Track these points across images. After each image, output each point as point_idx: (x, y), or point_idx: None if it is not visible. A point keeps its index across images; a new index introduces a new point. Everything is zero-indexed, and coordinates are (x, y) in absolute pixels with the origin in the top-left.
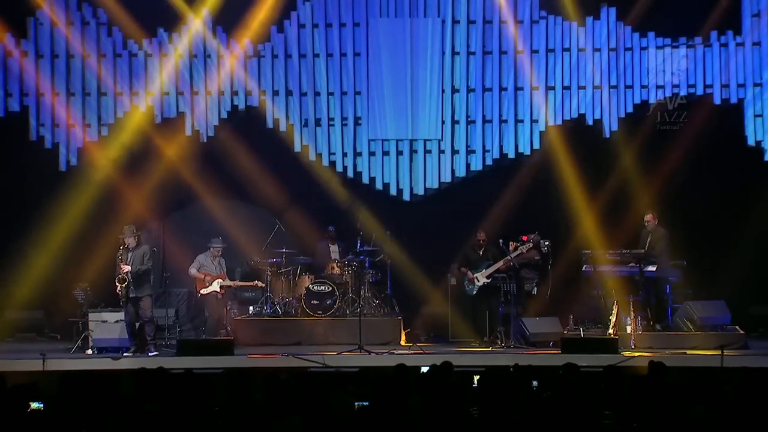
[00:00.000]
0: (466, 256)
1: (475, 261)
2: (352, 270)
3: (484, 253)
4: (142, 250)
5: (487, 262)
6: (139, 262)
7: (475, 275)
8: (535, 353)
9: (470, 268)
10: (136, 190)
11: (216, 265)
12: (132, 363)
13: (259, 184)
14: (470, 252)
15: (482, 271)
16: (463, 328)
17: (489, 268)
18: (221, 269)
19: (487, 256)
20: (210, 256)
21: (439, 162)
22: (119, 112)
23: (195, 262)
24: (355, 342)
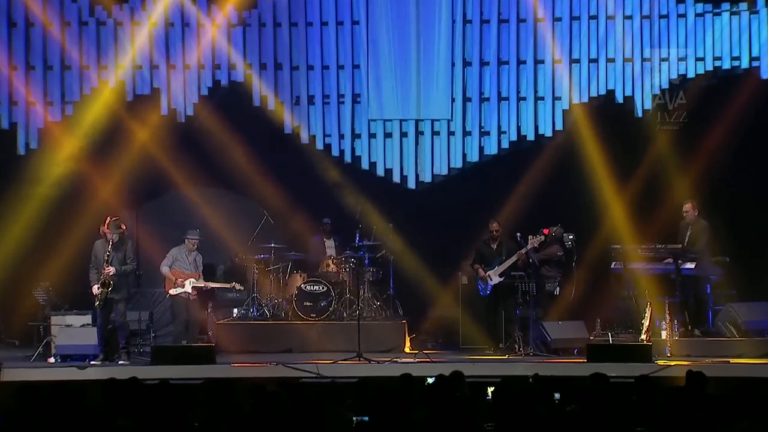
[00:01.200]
0: (479, 251)
1: (488, 257)
2: (349, 267)
3: (498, 248)
4: (125, 247)
5: (500, 258)
6: (121, 262)
7: (487, 273)
8: (557, 362)
9: (483, 264)
10: (104, 177)
11: (190, 262)
12: (100, 373)
13: (244, 170)
14: (483, 246)
15: (495, 269)
16: (476, 334)
17: (502, 264)
18: (196, 267)
19: (501, 251)
20: (185, 251)
21: (448, 145)
22: (86, 88)
23: (168, 257)
24: (353, 349)
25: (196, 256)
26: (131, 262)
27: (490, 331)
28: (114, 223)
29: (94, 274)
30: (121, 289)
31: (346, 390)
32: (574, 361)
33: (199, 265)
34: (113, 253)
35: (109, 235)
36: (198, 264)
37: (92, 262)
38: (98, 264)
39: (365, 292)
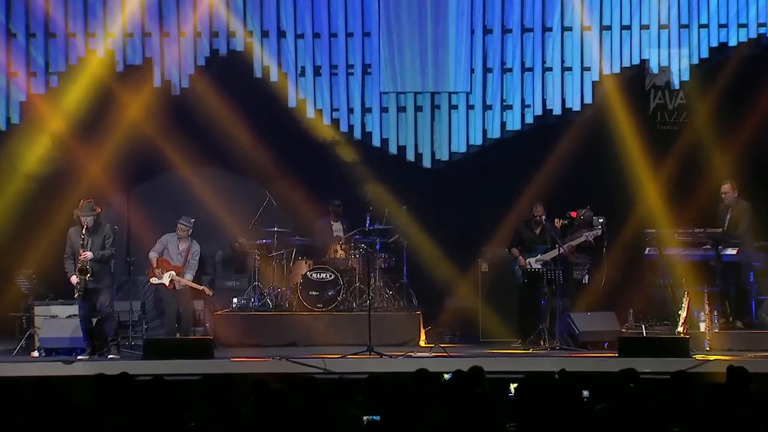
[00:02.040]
0: (519, 234)
1: (530, 241)
2: (359, 253)
3: (541, 233)
4: (104, 231)
5: (543, 246)
6: (99, 247)
7: (527, 260)
8: (586, 356)
9: (523, 250)
10: (92, 155)
11: (180, 252)
12: (88, 368)
13: (244, 148)
14: (524, 230)
15: (537, 257)
16: (498, 325)
17: (546, 253)
18: (180, 258)
19: (544, 238)
20: (175, 239)
21: (467, 120)
22: (72, 58)
23: (158, 243)
24: (363, 342)
25: (189, 247)
26: (110, 246)
27: (520, 322)
28: (87, 205)
29: (69, 264)
30: (103, 277)
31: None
32: (604, 356)
33: (191, 257)
34: (89, 238)
35: (83, 219)
36: (190, 255)
37: (66, 251)
38: (74, 253)
39: (376, 281)
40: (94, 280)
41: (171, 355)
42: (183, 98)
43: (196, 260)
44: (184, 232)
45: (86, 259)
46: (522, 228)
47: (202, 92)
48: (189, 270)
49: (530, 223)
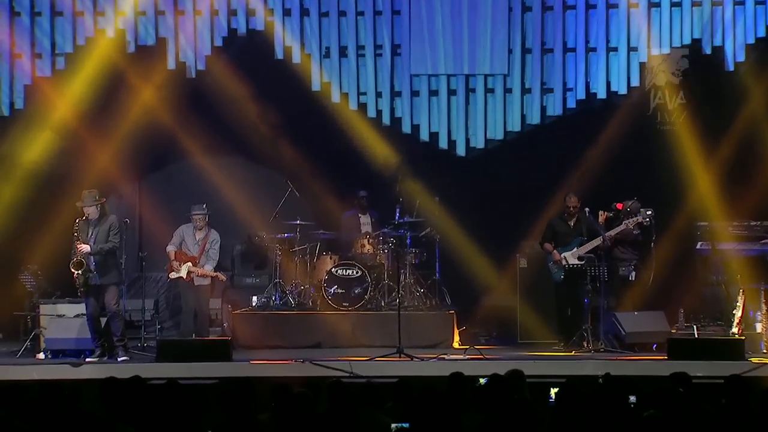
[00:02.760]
0: (552, 228)
1: (564, 235)
2: (388, 248)
3: (576, 225)
4: (108, 222)
5: (580, 239)
6: (103, 240)
7: (562, 255)
8: (632, 359)
9: (556, 244)
10: (102, 143)
11: (197, 242)
12: (98, 371)
13: (264, 135)
14: (557, 223)
15: (573, 250)
16: (538, 326)
17: (583, 246)
18: (197, 247)
19: (580, 230)
20: (192, 229)
21: (504, 105)
22: (80, 38)
23: (175, 235)
24: (392, 344)
25: (207, 236)
26: (114, 237)
27: (559, 323)
28: (89, 194)
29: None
30: (109, 271)
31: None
32: (653, 359)
33: (209, 246)
34: (93, 230)
35: (85, 210)
36: (207, 244)
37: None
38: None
39: (407, 277)
40: (99, 275)
41: (186, 357)
42: (198, 81)
43: (216, 249)
44: (201, 222)
45: (82, 252)
46: (555, 221)
47: (219, 75)
48: (209, 260)
49: (564, 215)
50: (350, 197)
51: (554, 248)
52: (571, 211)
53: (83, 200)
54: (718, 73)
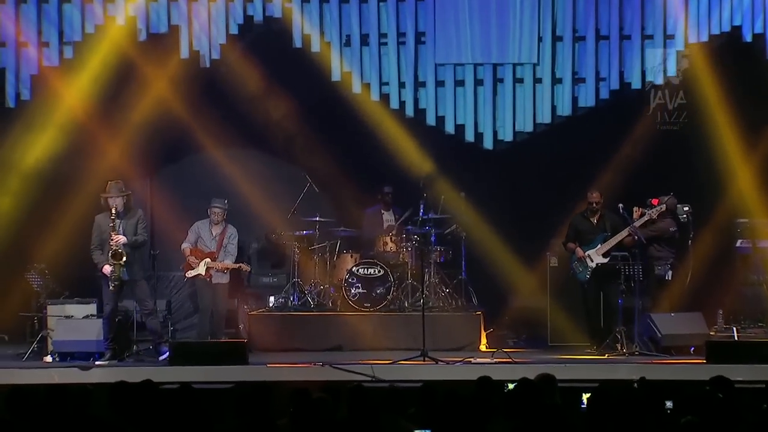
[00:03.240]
0: (574, 226)
1: (586, 233)
2: (412, 246)
3: (598, 222)
4: (136, 216)
5: (603, 234)
6: (132, 233)
7: (586, 253)
8: (669, 362)
9: (580, 243)
10: (112, 135)
11: (214, 237)
12: (107, 374)
13: (281, 127)
14: (579, 221)
15: (597, 247)
16: (569, 328)
17: (606, 242)
18: (214, 243)
19: (603, 226)
20: (209, 224)
21: (534, 95)
22: (89, 26)
23: (190, 232)
24: (416, 347)
25: (224, 231)
26: (143, 231)
27: (589, 325)
28: (115, 186)
29: (99, 254)
30: (135, 265)
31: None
32: (690, 362)
33: (227, 241)
34: (121, 222)
35: (111, 201)
36: (225, 239)
37: (93, 241)
38: (103, 241)
39: (431, 277)
40: (127, 271)
41: (200, 360)
42: (213, 71)
43: (234, 244)
44: (220, 216)
45: (119, 243)
46: (577, 219)
47: (235, 64)
48: (227, 255)
49: (586, 212)
50: (372, 193)
51: (576, 246)
52: (593, 206)
53: (109, 191)
54: (758, 62)
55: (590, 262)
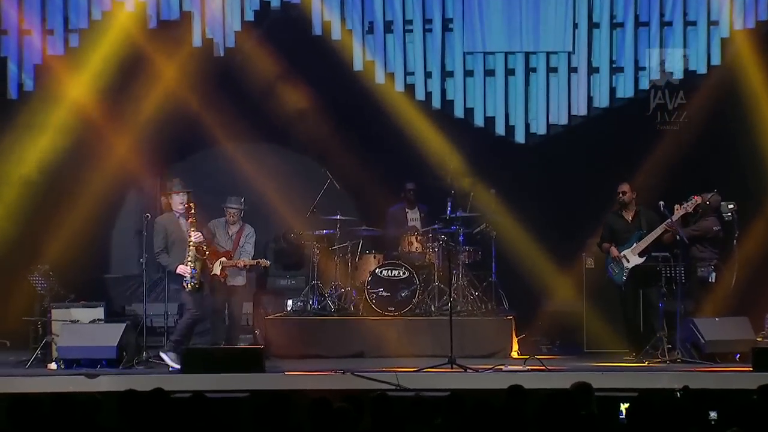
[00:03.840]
0: (609, 225)
1: (621, 231)
2: (439, 246)
3: (634, 219)
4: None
5: (639, 233)
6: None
7: (622, 253)
8: (713, 370)
9: (616, 242)
10: (120, 129)
11: (228, 238)
12: (116, 382)
13: (300, 120)
14: (613, 219)
15: (633, 246)
16: (606, 334)
17: (642, 240)
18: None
19: (638, 224)
20: (224, 224)
21: (569, 86)
22: (95, 12)
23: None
24: (443, 353)
25: (240, 230)
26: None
27: (627, 330)
28: (180, 182)
29: (166, 257)
30: None
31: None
32: (736, 370)
33: (243, 240)
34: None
35: (178, 197)
36: (242, 238)
37: (159, 243)
38: (169, 243)
39: (459, 279)
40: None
41: (214, 367)
42: (227, 60)
43: (251, 243)
44: (236, 216)
45: (199, 240)
46: (611, 218)
47: (250, 53)
48: (243, 254)
49: (619, 210)
50: (396, 190)
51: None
52: (623, 200)
53: (173, 188)
54: None
55: (626, 262)
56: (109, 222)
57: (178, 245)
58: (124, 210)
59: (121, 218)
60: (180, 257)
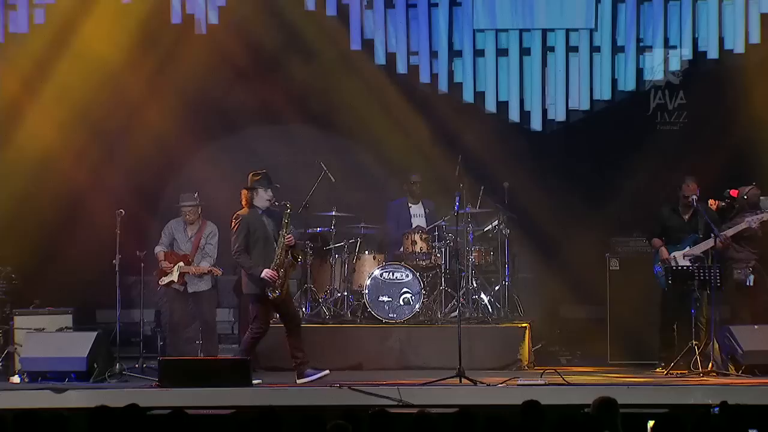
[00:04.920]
0: (662, 220)
1: (675, 230)
2: (446, 246)
3: (691, 219)
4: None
5: (694, 236)
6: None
7: (672, 254)
8: (751, 383)
9: (668, 242)
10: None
11: (188, 239)
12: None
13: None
14: (668, 215)
15: (685, 249)
16: (632, 342)
17: (696, 245)
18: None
19: (695, 225)
20: (183, 224)
21: (591, 67)
22: None
23: (164, 233)
24: (451, 365)
25: (200, 229)
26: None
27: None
28: (266, 179)
29: (247, 258)
30: None
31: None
32: None
33: (204, 242)
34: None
35: (265, 192)
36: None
37: (241, 242)
38: (249, 243)
39: (469, 282)
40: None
41: (195, 381)
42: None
43: (213, 244)
44: (193, 215)
45: (291, 242)
46: (666, 213)
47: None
48: (204, 257)
49: (678, 206)
50: (399, 182)
51: (662, 244)
52: (687, 200)
53: (259, 181)
54: None
55: (674, 264)
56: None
57: (261, 246)
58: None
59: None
60: (261, 260)
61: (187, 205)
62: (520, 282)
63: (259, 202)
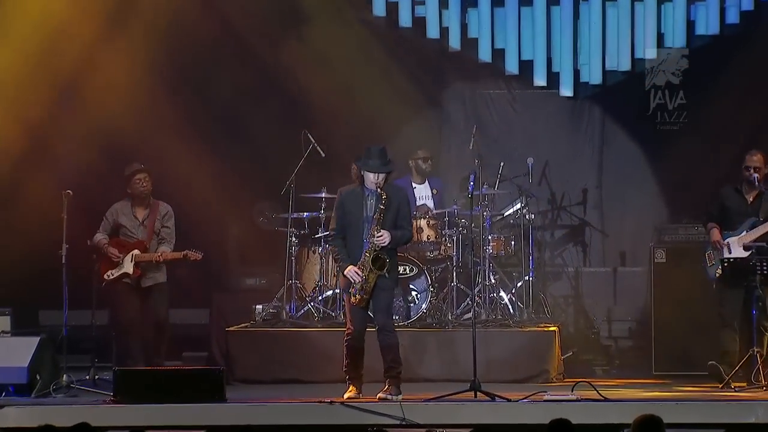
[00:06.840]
0: (722, 200)
1: (735, 212)
2: (458, 234)
3: (755, 200)
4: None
5: (753, 220)
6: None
7: (726, 240)
8: None
9: (725, 226)
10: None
11: (138, 224)
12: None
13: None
14: (730, 194)
15: (741, 234)
16: (681, 350)
17: (754, 228)
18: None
19: (758, 207)
20: (129, 206)
21: (632, 20)
22: None
23: (105, 219)
24: (464, 377)
25: (153, 211)
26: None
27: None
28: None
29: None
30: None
31: None
32: None
33: (159, 226)
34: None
35: (375, 176)
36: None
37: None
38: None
39: (485, 278)
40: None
41: (158, 395)
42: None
43: (170, 226)
44: (143, 188)
45: (383, 242)
46: (727, 192)
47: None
48: (163, 242)
49: (741, 185)
50: (401, 158)
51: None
52: (751, 175)
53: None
54: None
55: (727, 252)
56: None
57: (352, 233)
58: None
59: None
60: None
61: (139, 170)
62: (546, 277)
63: (367, 183)
